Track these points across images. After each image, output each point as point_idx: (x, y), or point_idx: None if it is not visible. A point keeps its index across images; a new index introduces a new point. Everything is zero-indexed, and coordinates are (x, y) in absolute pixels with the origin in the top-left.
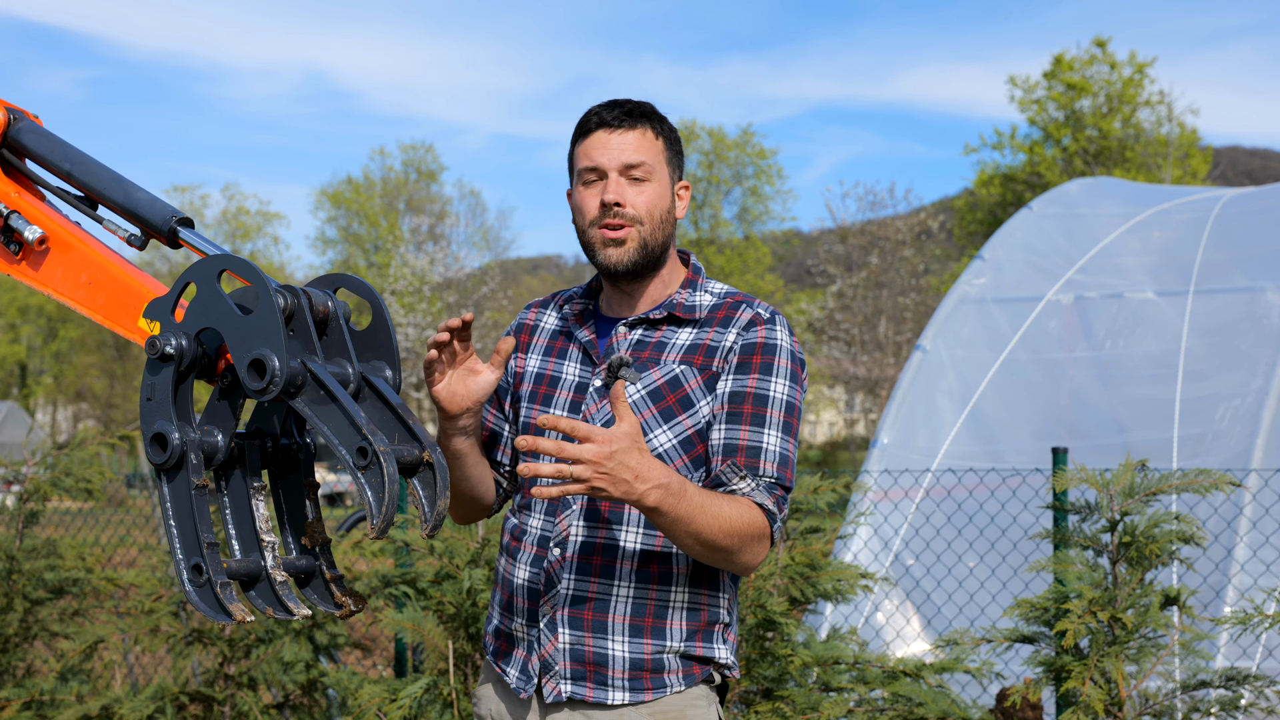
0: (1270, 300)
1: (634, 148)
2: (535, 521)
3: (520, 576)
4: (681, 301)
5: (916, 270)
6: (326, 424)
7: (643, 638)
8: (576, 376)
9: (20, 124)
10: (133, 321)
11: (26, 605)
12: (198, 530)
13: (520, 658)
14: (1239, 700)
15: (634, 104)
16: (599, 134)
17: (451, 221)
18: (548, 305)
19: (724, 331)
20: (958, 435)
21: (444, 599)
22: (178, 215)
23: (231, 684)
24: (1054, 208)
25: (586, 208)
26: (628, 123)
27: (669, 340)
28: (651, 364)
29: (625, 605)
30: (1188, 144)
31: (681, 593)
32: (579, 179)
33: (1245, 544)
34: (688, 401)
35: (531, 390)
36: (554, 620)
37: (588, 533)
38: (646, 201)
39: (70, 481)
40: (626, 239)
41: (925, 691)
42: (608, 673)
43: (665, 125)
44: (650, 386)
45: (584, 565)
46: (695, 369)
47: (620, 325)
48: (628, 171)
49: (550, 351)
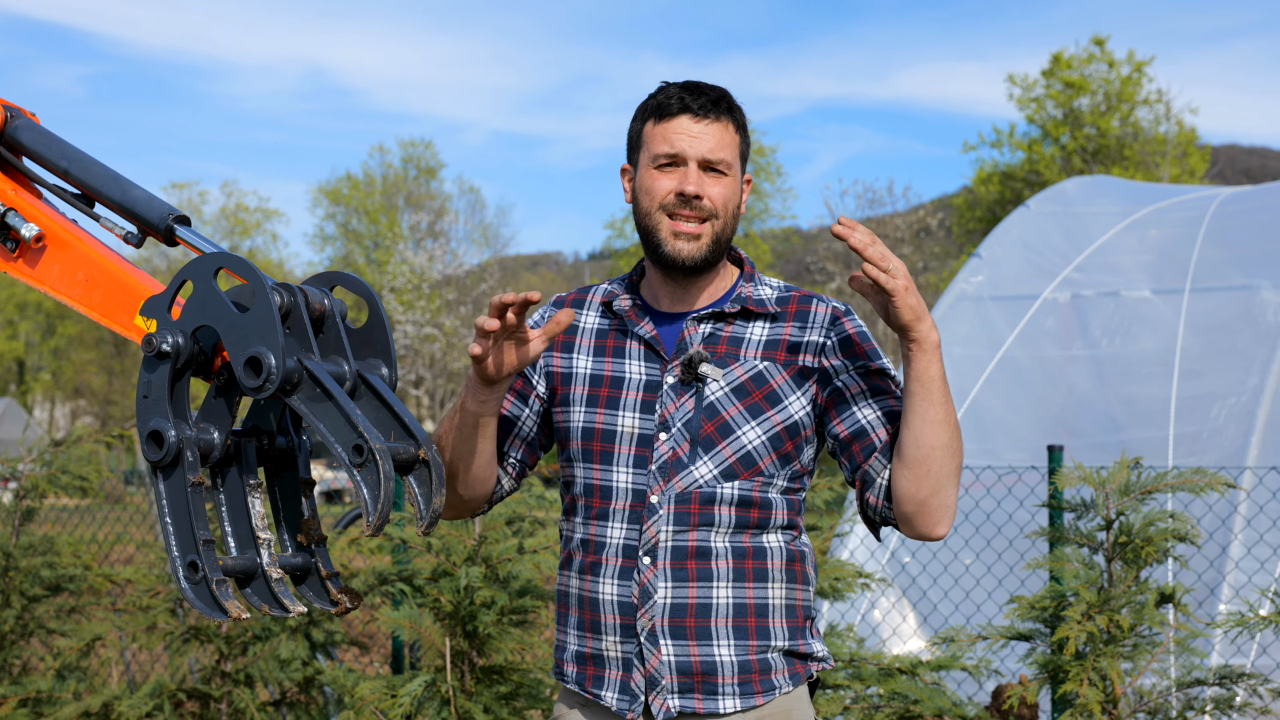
0: (1266, 298)
1: (717, 141)
2: (616, 532)
3: (607, 592)
4: (750, 295)
5: (915, 268)
6: (323, 421)
7: (748, 639)
8: (643, 375)
9: (17, 121)
10: (129, 319)
11: (23, 602)
12: (194, 527)
13: (617, 678)
14: (1233, 699)
15: (717, 92)
16: (682, 119)
17: (451, 218)
18: (583, 305)
19: (803, 327)
20: None
21: (441, 596)
22: (175, 213)
23: (228, 681)
24: (1051, 206)
25: (657, 191)
26: (713, 113)
27: (743, 335)
28: (730, 359)
29: (727, 608)
30: (1186, 142)
31: (779, 588)
32: (651, 161)
33: (1240, 541)
34: (775, 397)
35: (589, 393)
36: (654, 633)
37: (677, 537)
38: (723, 195)
39: (67, 478)
40: (701, 234)
41: (921, 689)
42: (717, 680)
43: (742, 117)
44: (734, 382)
45: (679, 571)
46: (779, 365)
47: (690, 319)
48: (708, 164)
49: (603, 351)
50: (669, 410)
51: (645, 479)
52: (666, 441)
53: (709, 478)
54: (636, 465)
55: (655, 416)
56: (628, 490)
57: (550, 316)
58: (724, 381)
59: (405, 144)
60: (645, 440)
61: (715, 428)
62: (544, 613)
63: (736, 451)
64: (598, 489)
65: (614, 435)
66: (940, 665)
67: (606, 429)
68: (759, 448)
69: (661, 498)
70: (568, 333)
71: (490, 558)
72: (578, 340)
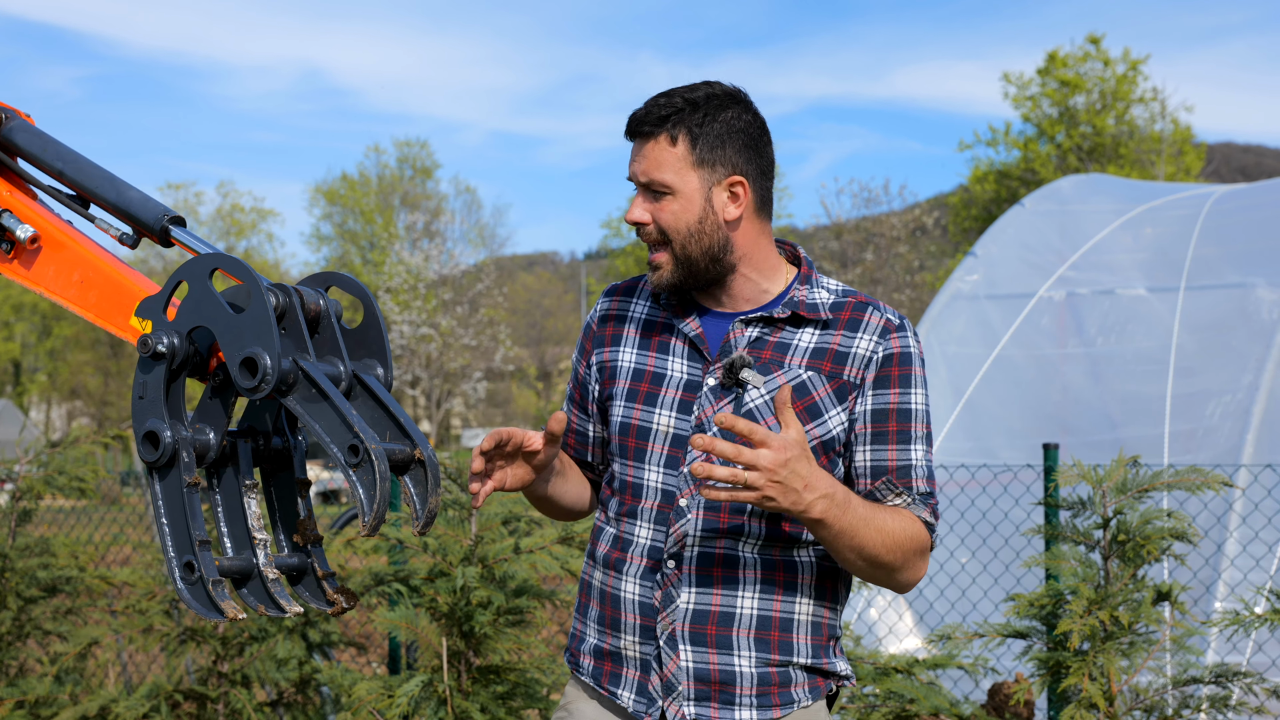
0: (1261, 296)
1: (650, 160)
2: (644, 531)
3: (629, 591)
4: (803, 299)
5: (911, 266)
6: (318, 422)
7: (770, 652)
8: (684, 374)
9: (12, 123)
10: (125, 320)
11: (19, 604)
12: (189, 528)
13: (634, 678)
14: (1229, 697)
15: (661, 104)
16: (633, 141)
17: (447, 218)
18: (635, 291)
19: (853, 336)
20: (950, 431)
21: (437, 596)
22: (170, 214)
23: (225, 682)
24: (1046, 204)
25: None
26: (644, 130)
27: (791, 341)
28: (774, 366)
29: (750, 618)
30: (1181, 140)
31: (807, 604)
32: None
33: (1235, 539)
34: (816, 410)
35: (629, 388)
36: (674, 637)
37: (705, 544)
38: (670, 217)
39: (64, 480)
40: (661, 264)
41: (918, 688)
42: (735, 690)
43: (694, 121)
44: (775, 391)
45: (704, 578)
46: (823, 376)
47: (737, 321)
48: (646, 188)
49: (648, 345)
50: (706, 413)
51: (676, 480)
52: None
53: None
54: (668, 465)
55: (692, 417)
56: (657, 490)
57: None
58: (765, 390)
59: (401, 144)
60: (679, 441)
61: None
62: (540, 613)
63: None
64: (630, 486)
65: (649, 433)
66: (936, 664)
67: (642, 425)
68: None
69: (691, 501)
70: (617, 324)
71: (487, 558)
72: (625, 331)
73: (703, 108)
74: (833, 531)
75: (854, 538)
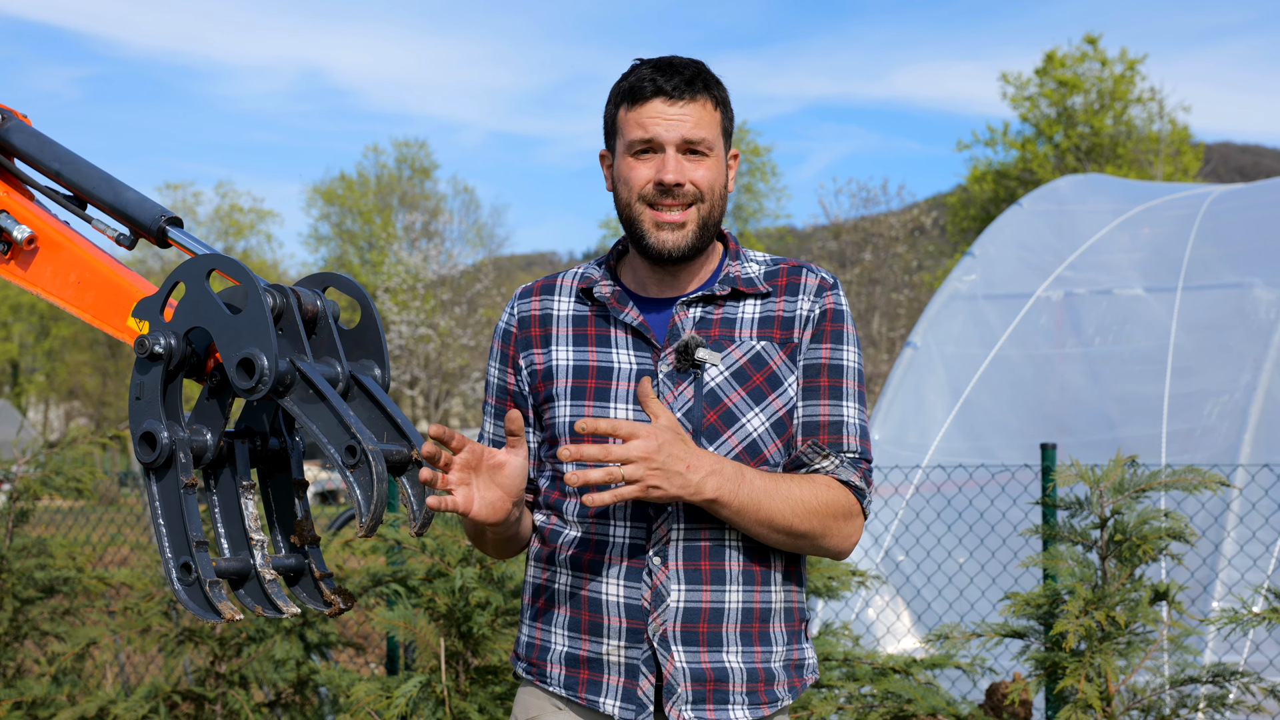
0: (1258, 296)
1: (695, 122)
2: (620, 531)
3: (612, 593)
4: (739, 274)
5: (910, 266)
6: (315, 423)
7: (753, 645)
8: (633, 364)
9: (9, 124)
10: (122, 321)
11: (16, 605)
12: (187, 529)
13: (618, 684)
14: (1227, 696)
15: (691, 68)
16: (655, 103)
17: (445, 218)
18: (554, 290)
19: (794, 300)
20: (948, 431)
21: (435, 597)
22: (167, 215)
23: (223, 682)
24: (1044, 204)
25: (636, 181)
26: (688, 93)
27: (735, 315)
28: (726, 342)
29: (737, 612)
30: (1179, 140)
31: (781, 591)
32: (627, 148)
33: (1233, 539)
34: (775, 380)
35: (574, 386)
36: (665, 638)
37: (689, 535)
38: (707, 178)
39: (61, 480)
40: (686, 221)
41: (915, 688)
42: (728, 688)
43: (722, 91)
44: (733, 366)
45: (692, 573)
46: (775, 344)
47: (679, 304)
48: (688, 145)
49: (584, 341)
50: (667, 400)
51: None
52: None
53: None
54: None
55: None
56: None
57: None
58: (723, 366)
59: (399, 144)
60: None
61: (718, 416)
62: None
63: (742, 440)
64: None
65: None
66: (934, 664)
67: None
68: (763, 435)
69: None
70: (543, 325)
71: (485, 559)
72: (554, 331)
73: (715, 78)
74: (733, 509)
75: (758, 511)
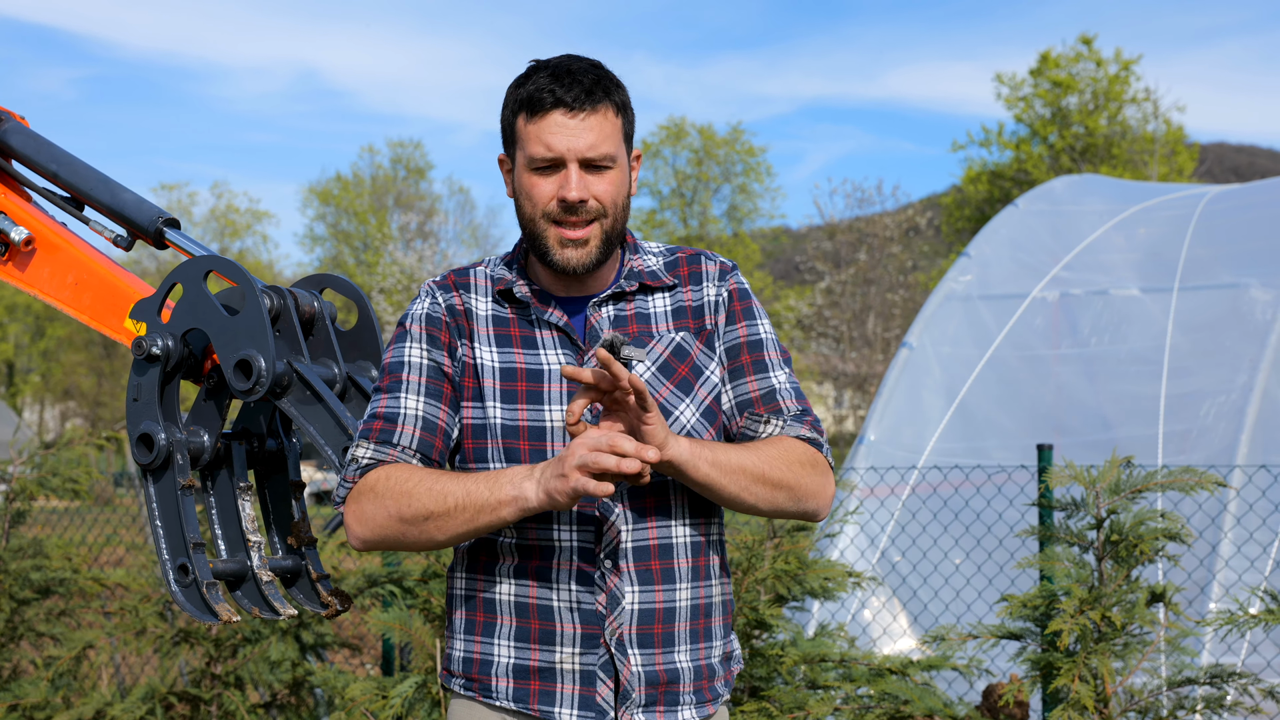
0: (1254, 296)
1: (597, 135)
2: (564, 534)
3: (564, 599)
4: (642, 268)
5: (904, 267)
6: (312, 424)
7: (699, 642)
8: (564, 364)
9: (6, 125)
10: (119, 322)
11: (12, 605)
12: (184, 530)
13: (573, 692)
14: (1224, 698)
15: (590, 75)
16: (555, 115)
17: (440, 219)
18: (469, 288)
19: (700, 288)
20: (944, 432)
21: (431, 598)
22: (164, 216)
23: (218, 683)
24: (1039, 205)
25: (539, 197)
26: (589, 104)
27: (647, 309)
28: (646, 337)
29: (686, 610)
30: (1174, 141)
31: (718, 585)
32: (528, 163)
33: (1230, 540)
34: (698, 369)
35: (502, 389)
36: (622, 641)
37: (637, 534)
38: (610, 192)
39: (57, 481)
40: (589, 238)
41: (912, 689)
42: (678, 689)
43: (622, 94)
44: (658, 361)
45: (644, 573)
46: (691, 333)
47: (591, 304)
48: (589, 162)
49: (508, 341)
50: None
51: None
52: None
53: None
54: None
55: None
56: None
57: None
58: (650, 361)
59: (394, 144)
60: None
61: None
62: None
63: (677, 434)
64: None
65: (543, 432)
66: (931, 665)
67: (534, 425)
68: (696, 425)
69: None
70: (468, 319)
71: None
72: (476, 329)
73: (615, 81)
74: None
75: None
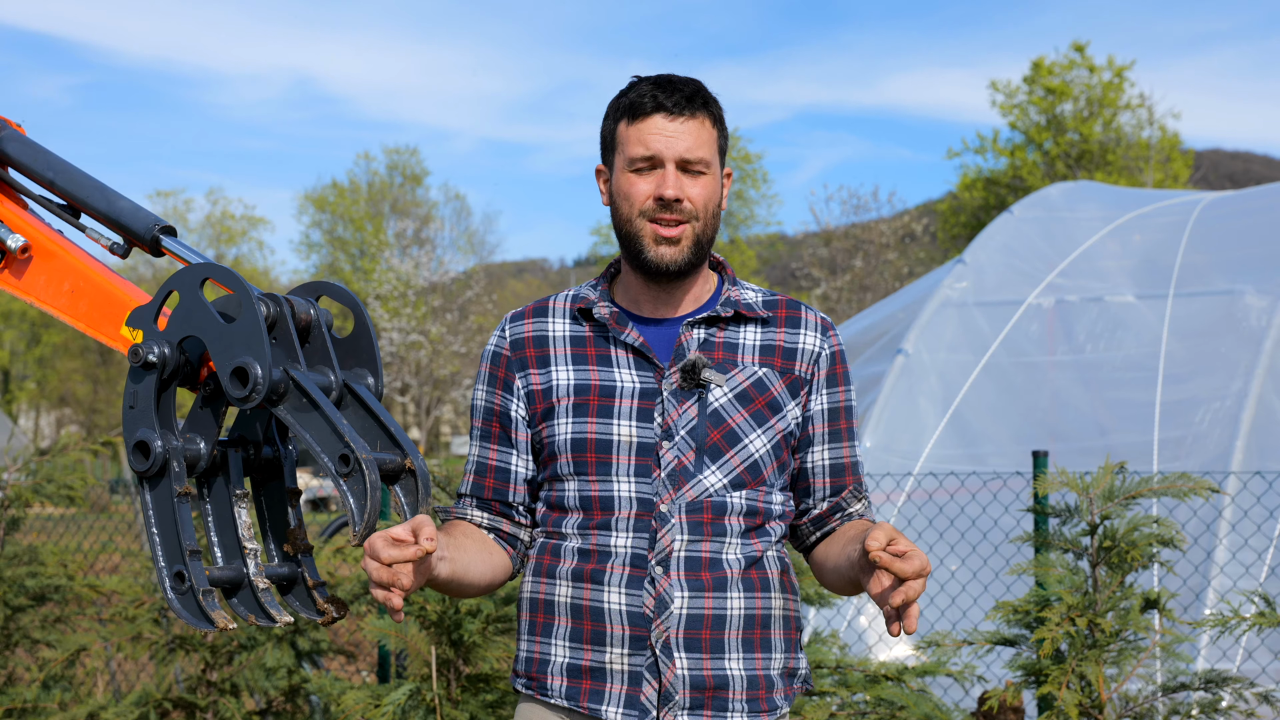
0: (1249, 303)
1: (694, 140)
2: (622, 540)
3: (614, 601)
4: (739, 299)
5: (900, 273)
6: (309, 431)
7: (754, 652)
8: (636, 383)
9: (3, 133)
10: (115, 330)
11: (7, 612)
12: (180, 537)
13: (621, 692)
14: (1219, 703)
15: (691, 86)
16: (656, 119)
17: (436, 225)
18: (546, 312)
19: (796, 333)
20: (939, 438)
21: (426, 605)
22: (160, 224)
23: (214, 690)
24: (1034, 211)
25: (636, 196)
26: (688, 110)
27: (737, 340)
28: (729, 365)
29: (739, 619)
30: (1169, 147)
31: (779, 599)
32: (627, 164)
33: (1225, 546)
34: (776, 405)
35: (575, 403)
36: (668, 644)
37: (692, 546)
38: (703, 195)
39: (52, 488)
40: (681, 237)
41: (907, 695)
42: (728, 695)
43: (718, 109)
44: (737, 389)
45: (694, 581)
46: (776, 371)
47: (685, 324)
48: (685, 164)
49: (584, 360)
50: (671, 418)
51: (652, 487)
52: (670, 450)
53: (719, 487)
54: (639, 474)
55: (654, 424)
56: (631, 500)
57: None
58: (727, 387)
59: (390, 151)
60: (646, 449)
61: (722, 435)
62: None
63: (744, 460)
64: (596, 500)
65: (610, 445)
66: (926, 671)
67: (601, 439)
68: (764, 456)
69: (672, 506)
70: (538, 345)
71: None
72: (551, 352)
73: (713, 96)
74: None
75: None
